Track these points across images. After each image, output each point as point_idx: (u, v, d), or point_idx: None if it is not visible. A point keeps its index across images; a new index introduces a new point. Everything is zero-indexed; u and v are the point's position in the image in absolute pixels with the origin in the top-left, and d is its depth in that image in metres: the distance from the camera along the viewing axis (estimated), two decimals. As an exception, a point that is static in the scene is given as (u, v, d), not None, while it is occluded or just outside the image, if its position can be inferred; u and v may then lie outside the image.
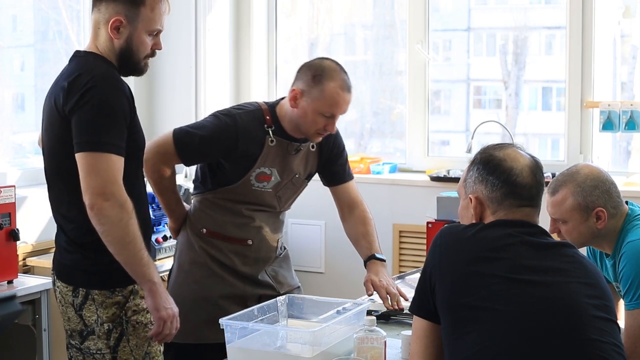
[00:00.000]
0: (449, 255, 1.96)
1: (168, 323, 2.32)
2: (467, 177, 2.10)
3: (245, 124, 2.79)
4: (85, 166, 2.24)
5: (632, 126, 4.24)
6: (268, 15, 5.14)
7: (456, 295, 1.90)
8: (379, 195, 4.64)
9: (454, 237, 2.00)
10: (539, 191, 2.05)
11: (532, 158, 2.07)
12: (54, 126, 2.34)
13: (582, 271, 1.96)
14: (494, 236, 1.96)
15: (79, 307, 2.37)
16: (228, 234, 2.86)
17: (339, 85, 2.77)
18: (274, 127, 2.82)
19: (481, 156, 2.08)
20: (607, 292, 1.99)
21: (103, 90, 2.27)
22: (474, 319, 1.87)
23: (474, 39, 5.10)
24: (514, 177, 2.01)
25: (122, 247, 2.26)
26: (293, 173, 2.90)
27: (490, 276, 1.89)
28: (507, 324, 1.84)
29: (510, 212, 2.01)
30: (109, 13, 2.36)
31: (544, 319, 1.85)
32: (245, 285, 2.88)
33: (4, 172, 3.92)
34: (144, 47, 2.40)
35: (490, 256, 1.92)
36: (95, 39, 2.40)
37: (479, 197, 2.05)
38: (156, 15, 2.40)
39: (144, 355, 2.40)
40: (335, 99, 2.76)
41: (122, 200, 2.25)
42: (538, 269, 1.91)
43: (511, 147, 2.10)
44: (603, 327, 1.90)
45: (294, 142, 2.86)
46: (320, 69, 2.78)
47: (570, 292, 1.90)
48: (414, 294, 2.05)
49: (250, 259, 2.89)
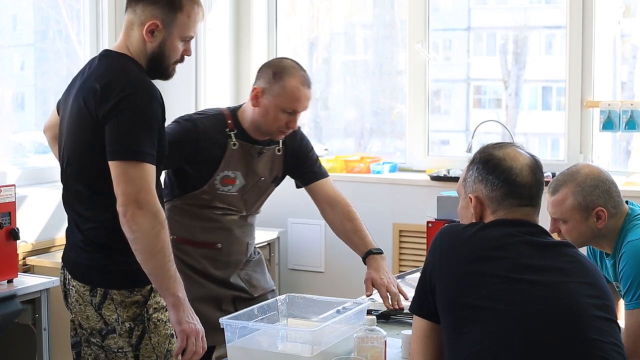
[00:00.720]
0: (449, 255, 1.96)
1: (192, 338, 2.28)
2: (466, 176, 2.09)
3: (207, 128, 2.82)
4: (120, 174, 2.24)
5: (632, 126, 4.24)
6: (268, 15, 5.14)
7: (456, 295, 1.90)
8: (379, 195, 4.64)
9: (453, 237, 1.99)
10: (539, 190, 2.05)
11: (531, 157, 2.07)
12: (83, 127, 2.33)
13: (582, 271, 1.96)
14: (494, 235, 1.96)
15: (98, 307, 2.37)
16: (197, 239, 2.89)
17: (299, 81, 2.80)
18: (236, 131, 2.85)
19: (481, 155, 2.08)
20: (607, 292, 1.98)
21: (139, 98, 2.27)
22: (474, 319, 1.86)
23: (474, 38, 5.10)
24: (514, 176, 2.01)
25: (150, 257, 2.25)
26: (258, 176, 2.91)
27: (490, 275, 1.89)
28: (507, 323, 1.84)
29: (510, 211, 2.01)
30: (145, 16, 2.35)
31: (545, 319, 1.85)
32: (218, 288, 2.92)
33: (4, 171, 3.92)
34: (175, 53, 2.40)
35: (491, 255, 1.92)
36: (127, 39, 2.39)
37: (478, 196, 2.04)
38: (192, 22, 2.40)
39: (165, 352, 2.40)
40: (296, 94, 2.78)
41: (156, 209, 2.25)
42: (538, 269, 1.91)
43: (511, 146, 2.09)
44: (603, 326, 1.89)
45: (257, 145, 2.88)
46: (280, 67, 2.82)
47: (571, 292, 1.90)
48: (414, 294, 2.05)
49: (220, 263, 2.92)
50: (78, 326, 2.44)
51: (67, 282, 2.46)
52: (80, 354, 2.45)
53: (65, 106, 2.44)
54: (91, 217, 2.37)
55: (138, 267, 2.28)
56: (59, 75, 4.46)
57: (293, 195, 3.26)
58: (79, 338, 2.45)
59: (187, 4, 2.38)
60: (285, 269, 4.92)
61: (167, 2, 2.36)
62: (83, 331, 2.42)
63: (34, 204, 3.85)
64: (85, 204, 2.38)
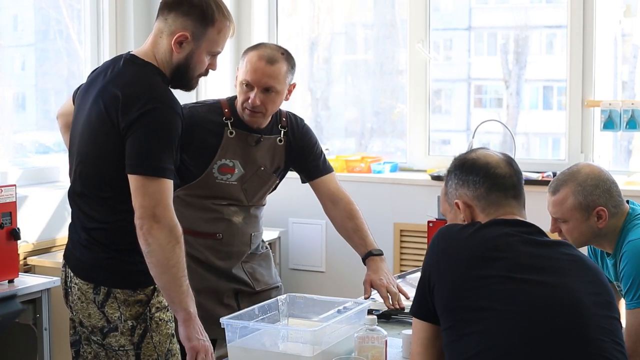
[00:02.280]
0: (448, 256, 1.96)
1: (202, 355, 2.28)
2: (447, 189, 2.11)
3: (202, 116, 2.86)
4: (139, 187, 2.24)
5: (633, 125, 4.23)
6: (269, 15, 5.14)
7: (456, 296, 1.90)
8: (379, 195, 4.64)
9: (452, 238, 2.00)
10: (519, 179, 2.06)
11: (503, 154, 2.10)
12: (100, 132, 2.32)
13: (582, 269, 1.96)
14: (492, 235, 1.96)
15: (101, 305, 2.36)
16: (198, 229, 2.89)
17: (258, 54, 2.83)
18: (232, 119, 2.86)
19: (455, 163, 2.11)
20: (608, 288, 1.99)
21: (162, 113, 2.27)
22: (475, 320, 1.86)
23: (474, 38, 5.10)
24: (493, 169, 2.03)
25: (164, 271, 2.25)
26: (257, 165, 2.91)
27: (489, 276, 1.89)
28: (508, 324, 1.84)
29: (500, 207, 2.02)
30: (176, 26, 2.34)
31: (545, 319, 1.84)
32: (219, 280, 2.91)
33: (4, 171, 3.92)
34: (200, 66, 2.40)
35: (490, 256, 1.92)
36: (154, 47, 2.38)
37: (465, 200, 2.05)
38: (221, 38, 2.40)
39: (166, 352, 2.40)
40: (252, 66, 2.81)
41: (172, 224, 2.25)
42: (538, 268, 1.91)
43: (480, 149, 2.14)
44: (605, 325, 1.90)
45: (254, 134, 2.88)
46: (251, 46, 2.91)
47: (571, 291, 1.90)
48: (414, 296, 2.05)
49: (223, 253, 2.92)
50: (78, 324, 2.44)
51: (68, 279, 2.45)
52: (79, 353, 2.45)
53: (84, 102, 2.42)
54: (97, 217, 2.37)
55: (142, 268, 2.28)
56: (60, 75, 4.46)
57: (294, 194, 3.27)
58: (78, 336, 2.45)
59: (219, 19, 2.37)
60: (286, 269, 4.92)
61: (199, 15, 2.34)
62: (83, 329, 2.42)
63: (35, 204, 3.85)
64: (92, 204, 2.38)
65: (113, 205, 2.34)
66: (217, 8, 2.37)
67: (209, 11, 2.35)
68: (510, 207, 2.03)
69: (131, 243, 2.27)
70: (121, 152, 2.28)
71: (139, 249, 2.26)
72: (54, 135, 4.42)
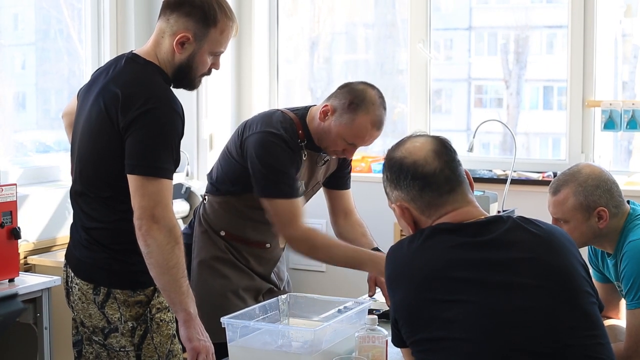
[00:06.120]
0: (399, 285, 1.84)
1: (203, 355, 2.28)
2: (385, 188, 2.03)
3: (290, 143, 2.74)
4: (138, 188, 2.24)
5: (634, 125, 4.23)
6: (269, 15, 5.14)
7: (414, 329, 1.79)
8: (380, 194, 4.58)
9: (399, 260, 1.89)
10: (453, 169, 1.94)
11: (433, 139, 1.99)
12: (100, 131, 2.31)
13: (537, 265, 1.80)
14: (437, 254, 1.82)
15: (101, 305, 2.36)
16: (248, 237, 2.90)
17: (371, 120, 2.76)
18: (305, 141, 2.81)
19: (385, 163, 2.03)
20: (565, 275, 1.82)
21: (162, 113, 2.26)
22: (438, 350, 1.75)
23: (475, 38, 5.10)
24: (421, 168, 1.93)
25: (163, 272, 2.24)
26: (316, 181, 2.95)
27: (441, 302, 1.76)
28: (471, 350, 1.71)
29: (439, 207, 1.90)
30: (178, 26, 2.33)
31: (514, 336, 1.72)
32: (262, 281, 2.96)
33: (5, 170, 3.92)
34: (203, 66, 2.39)
35: (439, 276, 1.79)
36: (156, 47, 2.37)
37: (401, 204, 1.98)
38: (224, 38, 2.39)
39: (167, 352, 2.40)
40: (362, 132, 2.76)
41: (171, 225, 2.25)
42: (492, 283, 1.76)
43: (409, 139, 2.02)
44: (576, 325, 1.77)
45: (323, 154, 2.88)
46: (360, 98, 2.74)
47: (536, 300, 1.75)
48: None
49: (264, 260, 2.95)
50: (80, 324, 2.44)
51: (69, 279, 2.45)
52: (82, 353, 2.45)
53: (85, 101, 2.42)
54: (97, 217, 2.37)
55: (142, 268, 2.28)
56: (60, 74, 4.46)
57: (294, 194, 3.25)
58: (80, 336, 2.45)
59: (221, 19, 2.36)
60: (287, 269, 4.91)
61: (201, 16, 2.34)
62: (85, 329, 2.42)
63: (35, 203, 3.86)
64: (92, 204, 2.37)
65: (113, 205, 2.34)
66: (219, 8, 2.37)
67: (210, 12, 2.35)
68: (449, 204, 1.90)
69: (131, 243, 2.27)
70: (121, 152, 2.27)
71: (138, 249, 2.26)
72: (54, 135, 4.43)
